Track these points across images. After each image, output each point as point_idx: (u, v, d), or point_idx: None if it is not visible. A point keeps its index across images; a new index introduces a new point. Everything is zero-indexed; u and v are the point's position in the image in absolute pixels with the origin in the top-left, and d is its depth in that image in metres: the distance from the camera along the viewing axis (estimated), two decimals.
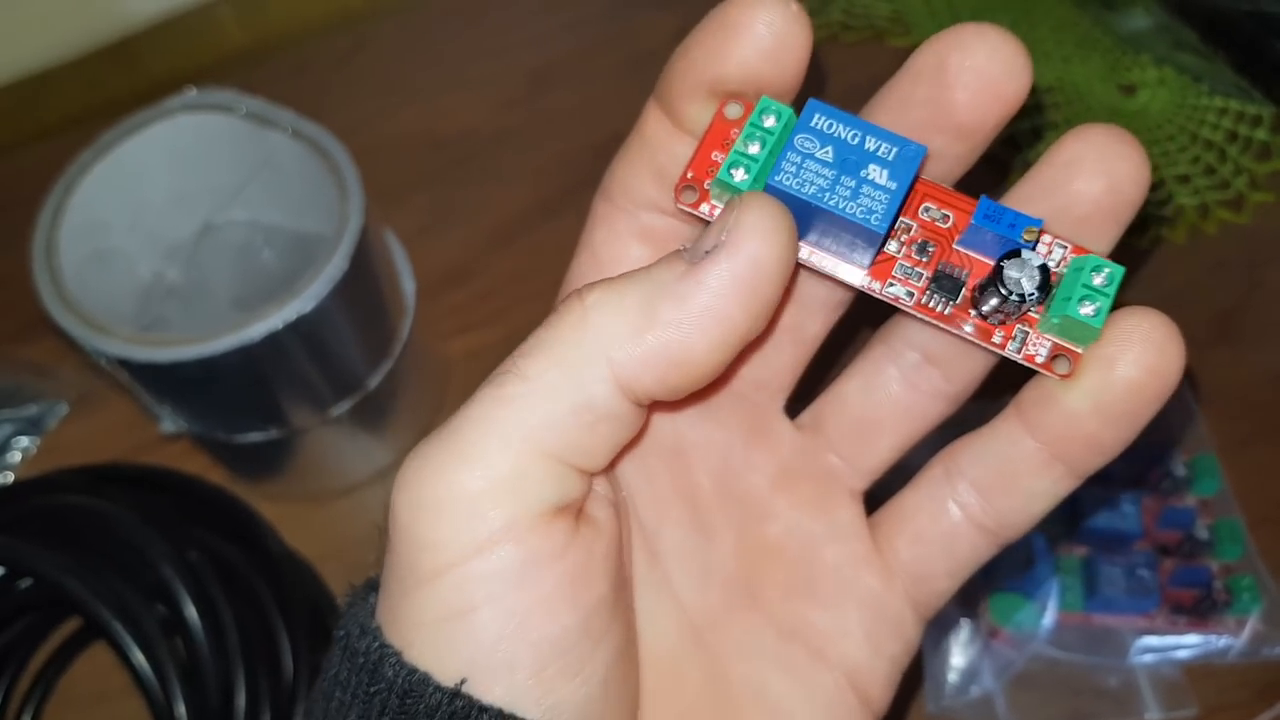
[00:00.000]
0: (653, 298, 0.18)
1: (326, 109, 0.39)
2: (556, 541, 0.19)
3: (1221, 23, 0.45)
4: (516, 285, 0.47)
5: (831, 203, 0.19)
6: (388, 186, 0.47)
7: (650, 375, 0.19)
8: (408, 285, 0.40)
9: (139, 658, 0.34)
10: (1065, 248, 0.20)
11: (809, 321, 0.24)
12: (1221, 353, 0.44)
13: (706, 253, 0.18)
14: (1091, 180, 0.21)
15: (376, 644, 0.19)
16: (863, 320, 0.25)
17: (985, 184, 0.21)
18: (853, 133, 0.20)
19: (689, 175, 0.21)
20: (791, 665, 0.23)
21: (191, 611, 0.35)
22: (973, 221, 0.20)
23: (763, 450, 0.24)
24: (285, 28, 0.56)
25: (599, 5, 0.55)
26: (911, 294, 0.21)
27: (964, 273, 0.20)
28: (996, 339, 0.20)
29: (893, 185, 0.20)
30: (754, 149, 0.20)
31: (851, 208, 0.19)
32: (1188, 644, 0.38)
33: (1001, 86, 0.20)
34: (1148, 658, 0.37)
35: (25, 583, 0.38)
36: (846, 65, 0.52)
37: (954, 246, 0.21)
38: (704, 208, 0.21)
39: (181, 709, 0.34)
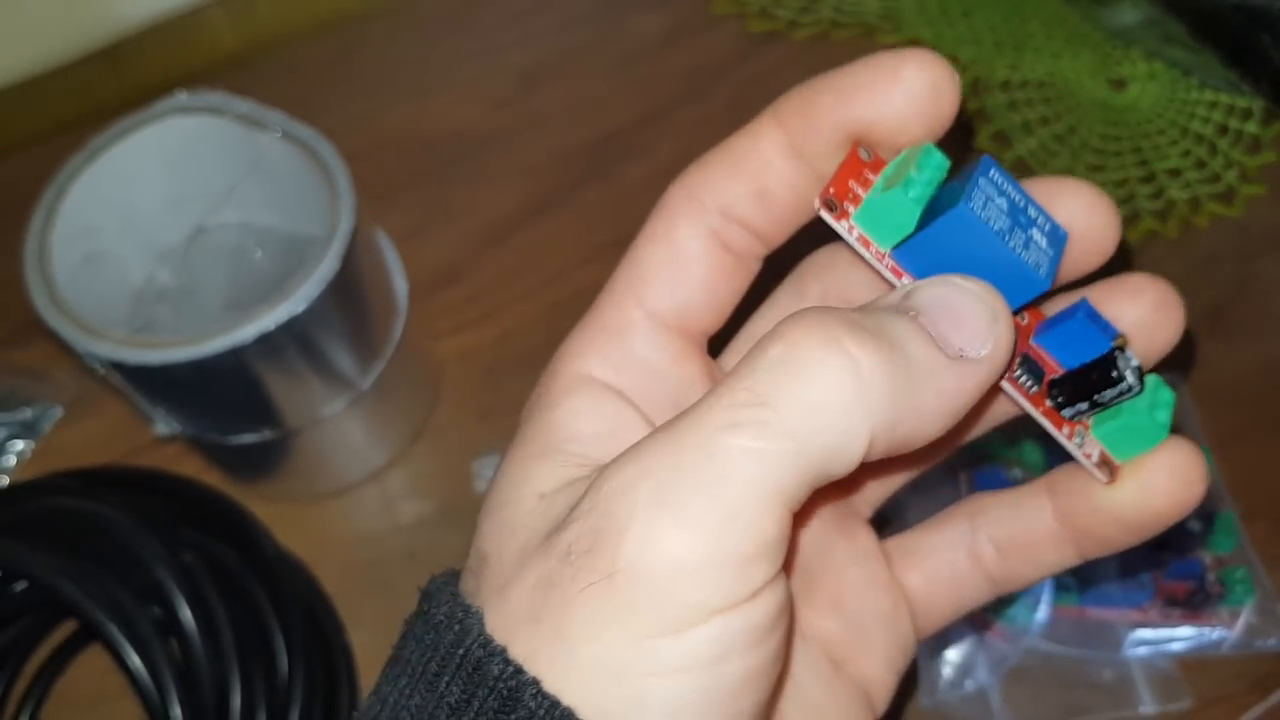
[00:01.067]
0: (917, 382, 0.19)
1: (317, 111, 0.39)
2: (788, 590, 0.19)
3: (1209, 16, 0.45)
4: (508, 285, 0.47)
5: (1011, 245, 0.20)
6: (379, 187, 0.47)
7: (884, 447, 0.19)
8: (399, 286, 0.40)
9: (134, 660, 0.34)
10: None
11: None
12: (1213, 346, 0.44)
13: (961, 352, 0.19)
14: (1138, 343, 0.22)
15: (511, 669, 0.18)
16: None
17: None
18: (1020, 197, 0.21)
19: (830, 190, 0.21)
20: (818, 668, 0.24)
21: (186, 613, 0.35)
22: (1075, 316, 0.21)
23: None
24: (276, 30, 0.56)
25: (588, 5, 0.55)
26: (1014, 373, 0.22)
27: (1041, 367, 0.22)
28: (1065, 431, 0.22)
29: (1050, 251, 0.21)
30: (913, 195, 0.21)
31: (1026, 255, 0.20)
32: (1181, 637, 0.38)
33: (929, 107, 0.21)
34: (1142, 651, 0.38)
35: (20, 585, 0.38)
36: (837, 63, 0.52)
37: (1031, 342, 0.22)
38: (843, 224, 0.21)
39: (177, 710, 0.34)
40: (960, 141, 0.52)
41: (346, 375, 0.38)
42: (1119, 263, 0.22)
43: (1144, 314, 0.22)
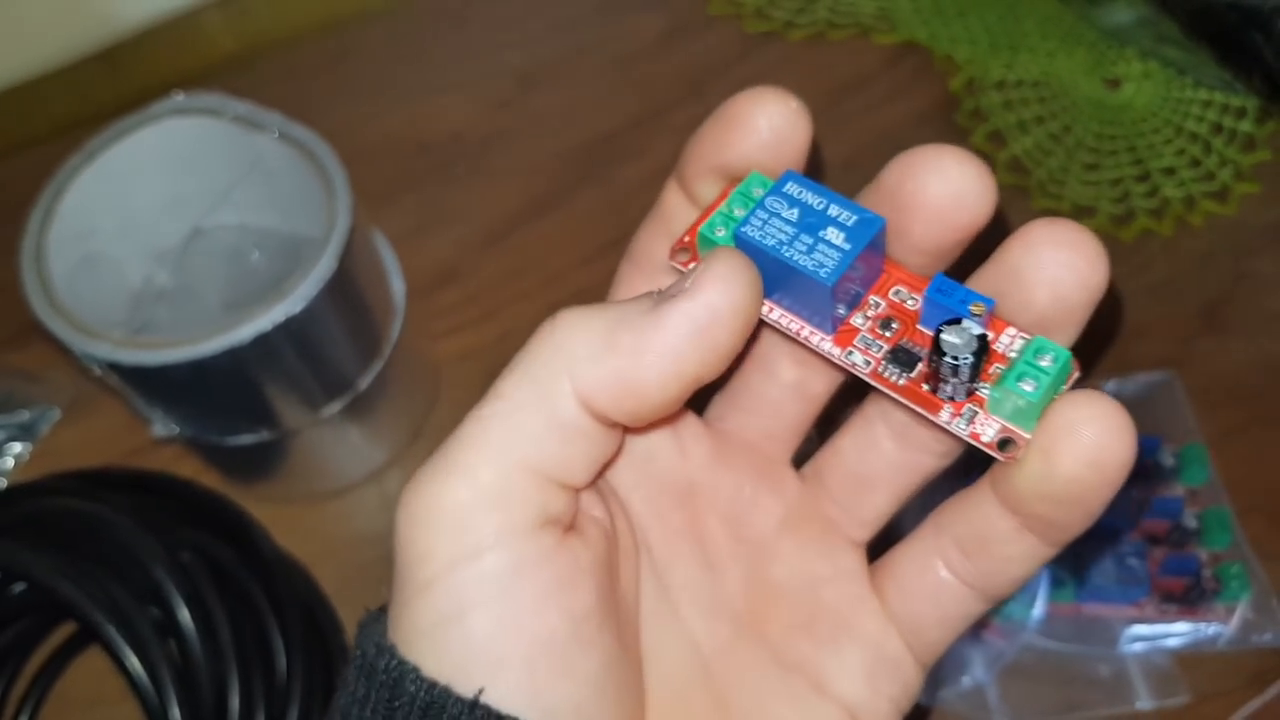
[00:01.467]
0: (616, 326, 0.20)
1: (314, 113, 0.39)
2: (542, 548, 0.20)
3: (1203, 15, 0.45)
4: (505, 285, 0.47)
5: (787, 254, 0.21)
6: (376, 188, 0.47)
7: (605, 397, 0.20)
8: (397, 286, 0.40)
9: (133, 661, 0.34)
10: (1027, 340, 0.21)
11: (814, 381, 0.25)
12: (1208, 343, 0.44)
13: (672, 296, 0.20)
14: (1041, 289, 0.21)
15: (395, 661, 0.20)
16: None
17: None
18: (820, 200, 0.22)
19: (685, 239, 0.23)
20: (794, 697, 0.24)
21: (185, 614, 0.35)
22: (925, 294, 0.21)
23: (770, 495, 0.26)
24: (272, 33, 0.56)
25: (585, 7, 0.56)
26: (869, 362, 0.22)
27: (923, 351, 0.21)
28: (944, 414, 0.21)
29: (846, 246, 0.21)
30: (739, 211, 0.22)
31: (804, 260, 0.21)
32: (1178, 632, 0.38)
33: (954, 217, 0.21)
34: (1138, 647, 0.38)
35: (19, 587, 0.38)
36: (833, 62, 0.52)
37: (917, 327, 0.22)
38: (693, 266, 0.22)
39: (176, 711, 0.34)
40: (957, 143, 0.52)
41: (345, 376, 0.38)
42: (1113, 258, 0.21)
43: (1043, 260, 0.21)
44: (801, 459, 0.26)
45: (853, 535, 0.26)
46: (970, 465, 0.24)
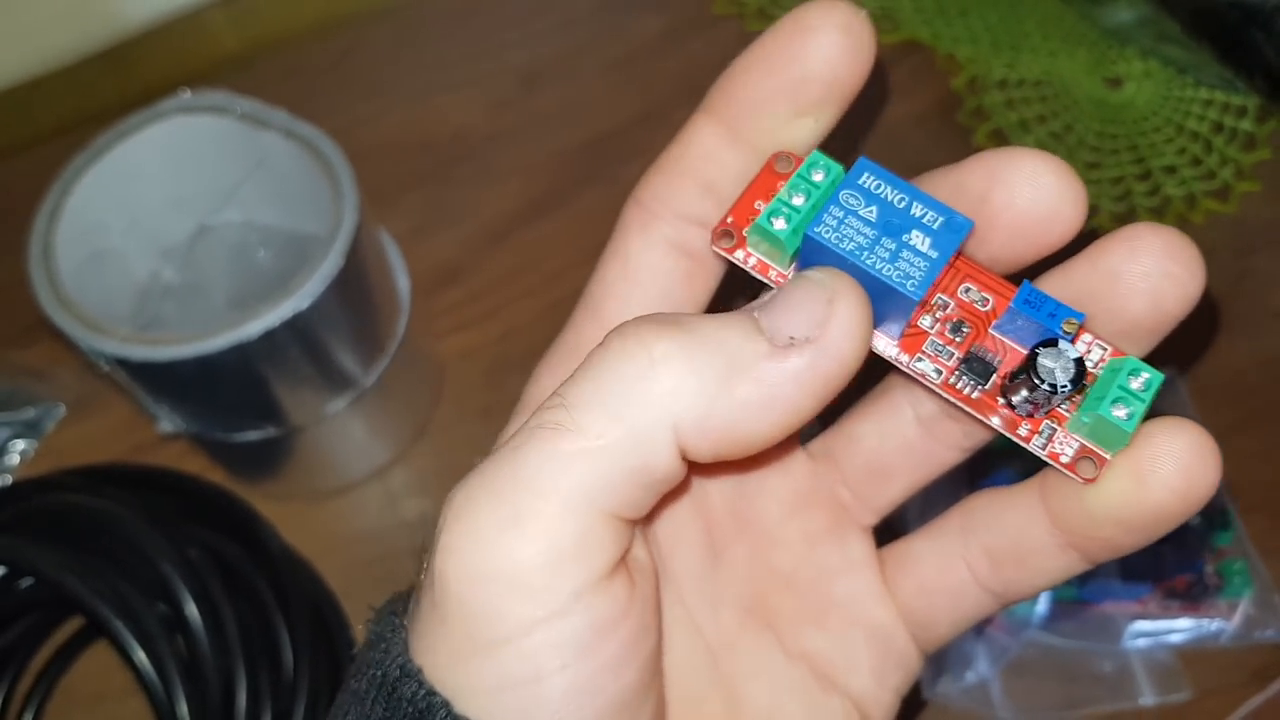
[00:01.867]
0: (729, 372, 0.18)
1: (319, 112, 0.39)
2: (620, 602, 0.18)
3: (1204, 14, 0.45)
4: (510, 283, 0.48)
5: (869, 262, 0.19)
6: (381, 187, 0.47)
7: (707, 444, 0.18)
8: (402, 284, 0.41)
9: (140, 656, 0.34)
10: (1105, 349, 0.20)
11: None
12: (1210, 341, 0.44)
13: (791, 339, 0.18)
14: (1140, 299, 0.20)
15: (424, 691, 0.18)
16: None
17: None
18: (900, 196, 0.19)
19: (728, 220, 0.20)
20: (801, 689, 0.24)
21: (192, 609, 0.35)
22: (1011, 305, 0.19)
23: (776, 476, 0.24)
24: (277, 32, 0.56)
25: (588, 6, 0.56)
26: (940, 372, 0.20)
27: (997, 359, 0.20)
28: (1022, 431, 0.20)
29: (934, 254, 0.19)
30: (798, 200, 0.20)
31: (888, 270, 0.19)
32: (1181, 628, 0.38)
33: (1044, 233, 0.20)
34: (1141, 642, 0.38)
35: (26, 582, 0.38)
36: None
37: (990, 331, 0.20)
38: (739, 254, 0.20)
39: (183, 707, 0.34)
40: (959, 141, 0.53)
41: (350, 373, 0.38)
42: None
43: (1147, 268, 0.19)
44: (805, 436, 0.25)
45: (862, 521, 0.25)
46: (977, 462, 0.24)
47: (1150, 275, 0.19)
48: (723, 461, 0.19)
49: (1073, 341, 0.19)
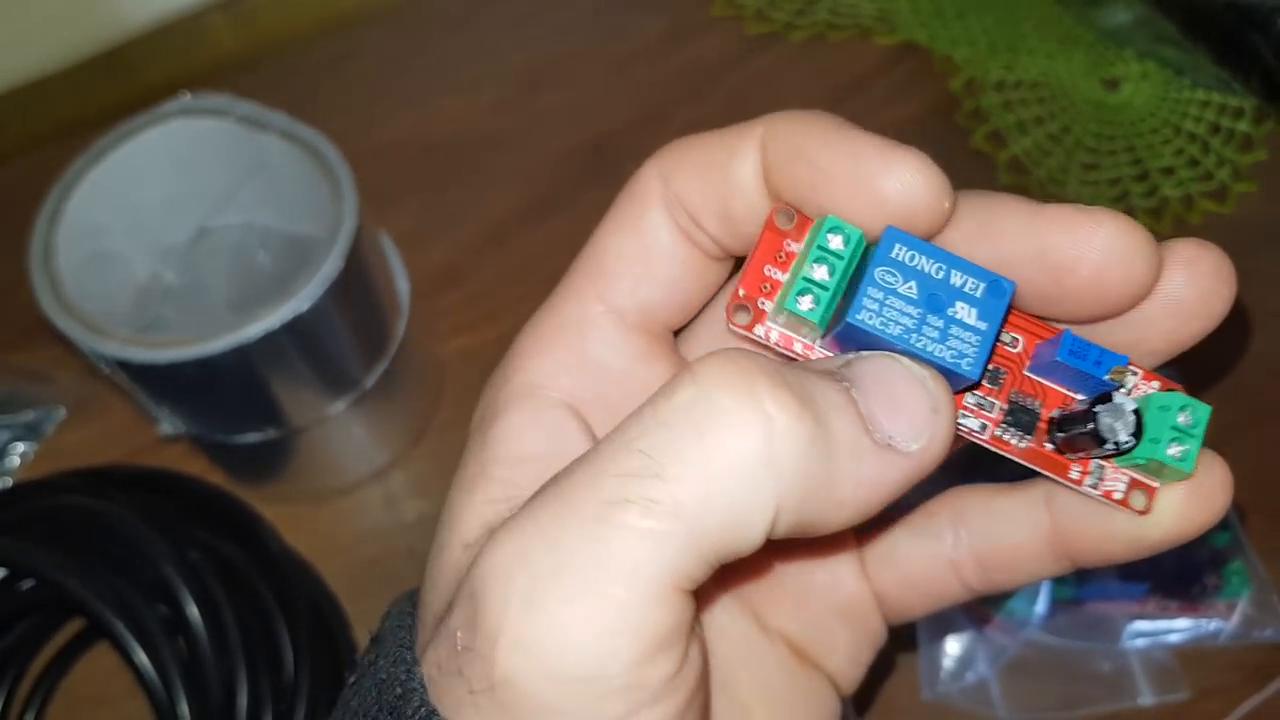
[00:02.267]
0: (836, 466, 0.17)
1: (319, 114, 0.39)
2: (697, 668, 0.17)
3: (1201, 15, 0.45)
4: (509, 286, 0.48)
5: (919, 345, 0.18)
6: (381, 189, 0.47)
7: (786, 529, 0.17)
8: (402, 286, 0.41)
9: (141, 657, 0.34)
10: (1137, 374, 0.20)
11: None
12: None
13: (891, 440, 0.17)
14: (1198, 323, 0.20)
15: None
16: None
17: (971, 180, 0.20)
18: (936, 266, 0.18)
19: (740, 293, 0.19)
20: (779, 664, 0.24)
21: (193, 611, 0.35)
22: (1055, 358, 0.19)
23: None
24: (277, 34, 0.56)
25: (587, 8, 0.56)
26: (985, 426, 0.19)
27: (1037, 403, 0.19)
28: (1074, 474, 0.19)
29: (983, 325, 0.18)
30: (821, 274, 0.18)
31: (941, 351, 0.18)
32: (1179, 628, 0.38)
33: (1120, 298, 0.19)
34: (1140, 642, 0.38)
35: (27, 584, 0.38)
36: (833, 63, 0.53)
37: (1025, 373, 0.19)
38: (759, 330, 0.19)
39: (184, 708, 0.34)
40: (957, 143, 0.53)
41: (350, 375, 0.38)
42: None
43: (1200, 287, 0.19)
44: None
45: None
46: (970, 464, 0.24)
47: (1206, 296, 0.19)
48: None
49: (1119, 388, 0.19)
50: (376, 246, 0.39)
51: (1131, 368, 0.20)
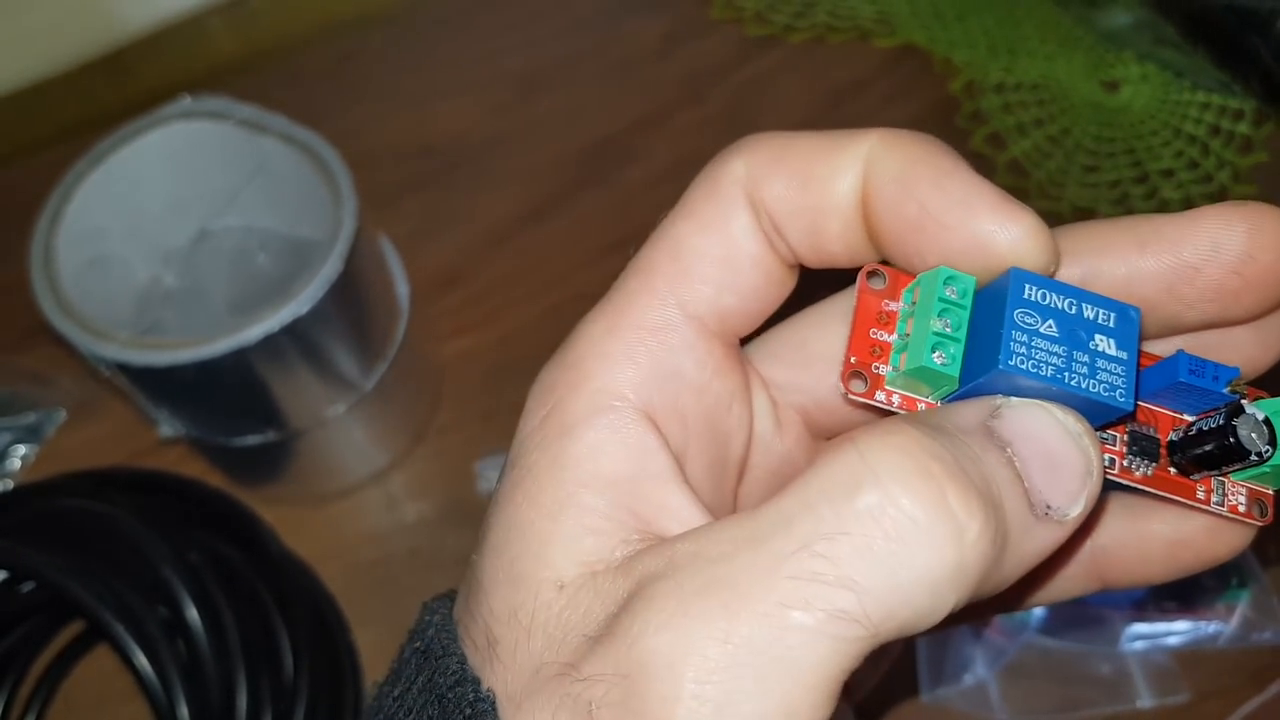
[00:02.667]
0: (1005, 548, 0.16)
1: (319, 117, 0.39)
2: None
3: (1200, 18, 0.45)
4: (509, 288, 0.48)
5: (1074, 383, 0.17)
6: (380, 192, 0.48)
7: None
8: (401, 288, 0.41)
9: (141, 659, 0.34)
10: (1248, 394, 0.20)
11: None
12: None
13: (1049, 510, 0.17)
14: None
15: None
16: None
17: None
18: (1068, 301, 0.18)
19: (852, 360, 0.19)
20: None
21: (193, 613, 0.35)
22: (1177, 379, 0.19)
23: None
24: (276, 38, 0.56)
25: (586, 11, 0.56)
26: (1113, 460, 0.19)
27: (1153, 430, 0.19)
28: (1200, 494, 0.20)
29: (1124, 355, 0.18)
30: (944, 326, 0.18)
31: (1094, 386, 0.18)
32: (1178, 631, 0.38)
33: (1258, 284, 0.19)
34: (1139, 645, 0.38)
35: (27, 586, 0.38)
36: (832, 65, 0.53)
37: (1139, 402, 0.19)
38: (880, 396, 0.19)
39: (184, 710, 0.34)
40: (956, 145, 0.52)
41: (349, 377, 0.38)
42: None
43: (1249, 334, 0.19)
44: None
45: None
46: None
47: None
48: None
49: (1242, 398, 0.19)
50: (376, 249, 0.39)
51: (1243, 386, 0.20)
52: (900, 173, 0.18)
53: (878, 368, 0.19)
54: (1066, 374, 0.18)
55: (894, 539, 0.15)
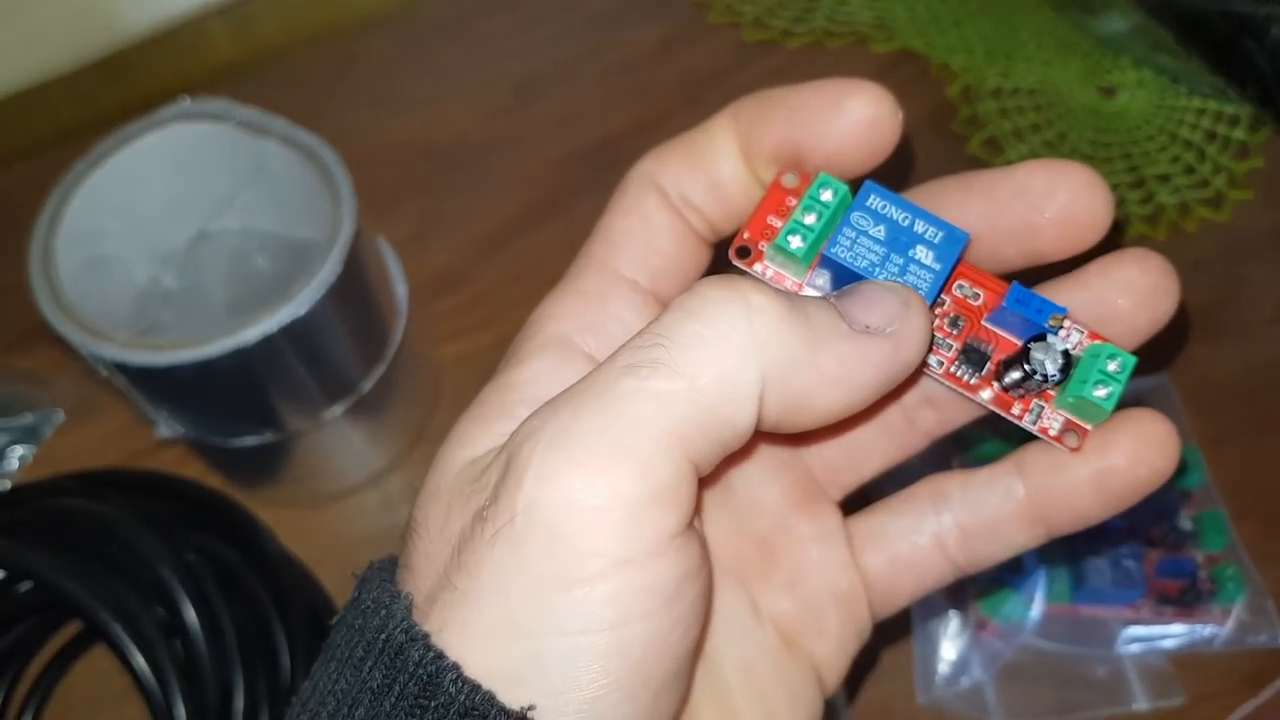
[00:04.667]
0: (814, 340, 0.19)
1: (318, 120, 0.39)
2: (696, 554, 0.19)
3: (1196, 23, 0.46)
4: (506, 290, 0.48)
5: (880, 276, 0.21)
6: (379, 195, 0.48)
7: (780, 406, 0.19)
8: (400, 290, 0.41)
9: (139, 660, 0.34)
10: (1083, 333, 0.22)
11: None
12: (1202, 348, 0.44)
13: (868, 327, 0.19)
14: (1133, 308, 0.23)
15: (432, 654, 0.18)
16: None
17: None
18: (904, 215, 0.21)
19: (745, 236, 0.23)
20: (770, 649, 0.24)
21: (190, 613, 0.35)
22: (1004, 304, 0.22)
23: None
24: (275, 40, 0.57)
25: (584, 16, 0.56)
26: (941, 363, 0.22)
27: (990, 347, 0.22)
28: (1015, 410, 0.22)
29: (937, 266, 0.21)
30: (810, 219, 0.22)
31: (899, 281, 0.21)
32: (1174, 634, 0.38)
33: (1085, 234, 0.22)
34: (1134, 648, 0.38)
35: (25, 586, 0.38)
36: (830, 70, 0.52)
37: (982, 323, 0.23)
38: (757, 268, 0.23)
39: (181, 710, 0.34)
40: (953, 150, 0.53)
41: (348, 378, 0.38)
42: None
43: (1135, 288, 0.22)
44: None
45: (832, 494, 0.26)
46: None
47: (1154, 289, 0.23)
48: (778, 433, 0.20)
49: (1057, 333, 0.22)
50: (375, 251, 0.39)
51: (1076, 325, 0.22)
52: (758, 107, 0.22)
53: (761, 245, 0.23)
54: (878, 269, 0.21)
55: (696, 310, 0.19)
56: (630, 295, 0.23)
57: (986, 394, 0.22)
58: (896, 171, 0.23)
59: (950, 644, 0.38)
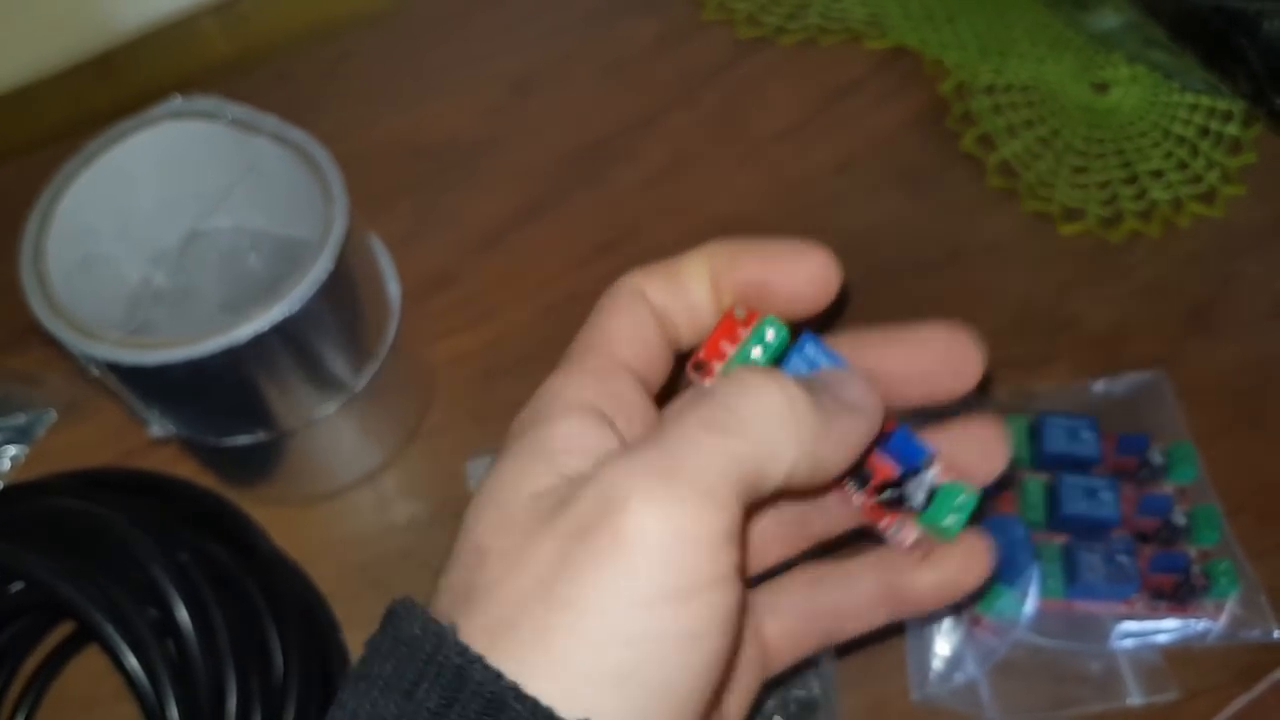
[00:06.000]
0: (827, 418, 0.24)
1: (311, 118, 0.39)
2: (741, 593, 0.23)
3: (1189, 19, 0.46)
4: (500, 290, 0.48)
5: None
6: (372, 193, 0.47)
7: (804, 470, 0.23)
8: (393, 289, 0.41)
9: (131, 660, 0.34)
10: (940, 472, 0.28)
11: None
12: (1196, 343, 0.44)
13: (854, 404, 0.25)
14: (979, 459, 0.29)
15: (492, 674, 0.20)
16: None
17: (962, 183, 0.22)
18: (831, 366, 0.27)
19: (700, 355, 0.27)
20: None
21: (183, 613, 0.35)
22: (891, 441, 0.27)
23: None
24: (269, 38, 0.56)
25: (578, 13, 0.56)
26: (840, 479, 0.27)
27: (871, 472, 0.27)
28: (884, 522, 0.28)
29: None
30: (756, 353, 0.26)
31: None
32: (1167, 628, 0.38)
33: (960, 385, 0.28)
34: (1128, 643, 0.38)
35: (17, 586, 0.38)
36: (824, 67, 0.53)
37: (874, 452, 0.27)
38: (708, 382, 0.27)
39: (173, 711, 0.34)
40: (947, 146, 0.53)
41: (340, 377, 0.38)
42: (1102, 259, 0.23)
43: (975, 449, 0.28)
44: None
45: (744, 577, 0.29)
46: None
47: (975, 456, 0.28)
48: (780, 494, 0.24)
49: (928, 469, 0.27)
50: (367, 249, 0.39)
51: (941, 465, 0.27)
52: (729, 258, 0.27)
53: (714, 364, 0.27)
54: None
55: (754, 393, 0.23)
56: (629, 378, 0.26)
57: (864, 504, 0.28)
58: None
59: (944, 640, 0.38)
